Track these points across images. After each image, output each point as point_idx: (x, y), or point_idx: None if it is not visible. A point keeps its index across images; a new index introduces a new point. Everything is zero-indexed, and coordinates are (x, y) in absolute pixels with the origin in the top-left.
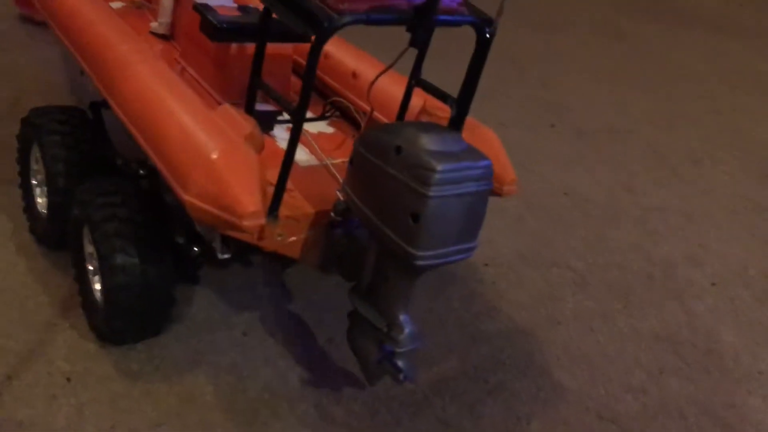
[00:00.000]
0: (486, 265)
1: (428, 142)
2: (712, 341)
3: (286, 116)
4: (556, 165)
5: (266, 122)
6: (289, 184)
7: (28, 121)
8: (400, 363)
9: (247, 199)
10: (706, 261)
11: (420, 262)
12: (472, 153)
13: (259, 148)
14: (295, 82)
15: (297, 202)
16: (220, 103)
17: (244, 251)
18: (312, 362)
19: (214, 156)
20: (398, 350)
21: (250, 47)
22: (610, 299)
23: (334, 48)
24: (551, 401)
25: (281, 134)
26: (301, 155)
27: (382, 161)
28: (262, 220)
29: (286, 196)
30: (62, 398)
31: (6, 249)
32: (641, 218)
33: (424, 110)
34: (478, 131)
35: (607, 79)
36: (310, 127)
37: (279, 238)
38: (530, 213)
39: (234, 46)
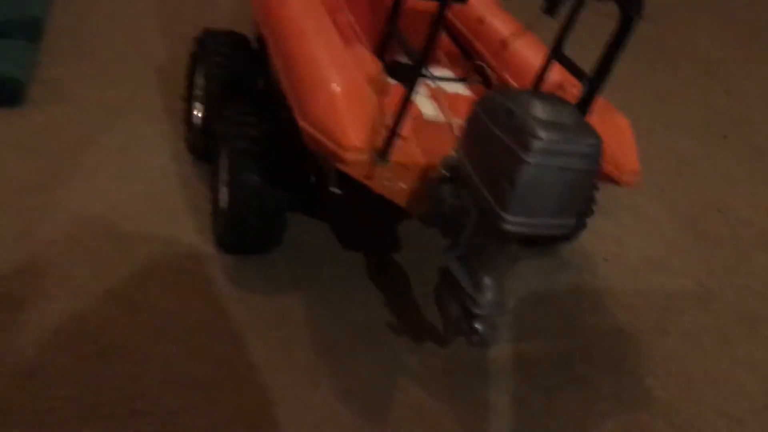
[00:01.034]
0: (605, 260)
1: (540, 111)
2: None
3: (426, 72)
4: (716, 178)
5: (405, 74)
6: (408, 133)
7: (198, 41)
8: (478, 326)
9: (352, 134)
10: None
11: (507, 227)
12: (584, 129)
13: (382, 91)
14: (444, 39)
15: (410, 151)
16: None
17: (355, 190)
18: (403, 311)
19: (332, 88)
20: (477, 312)
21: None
22: (734, 323)
23: (489, 14)
24: (634, 406)
25: (419, 89)
26: (429, 110)
27: (492, 122)
28: (364, 156)
29: (401, 144)
30: (172, 288)
31: (162, 153)
32: None
33: (560, 86)
34: (610, 115)
35: None
36: (448, 87)
37: (387, 183)
38: (671, 221)
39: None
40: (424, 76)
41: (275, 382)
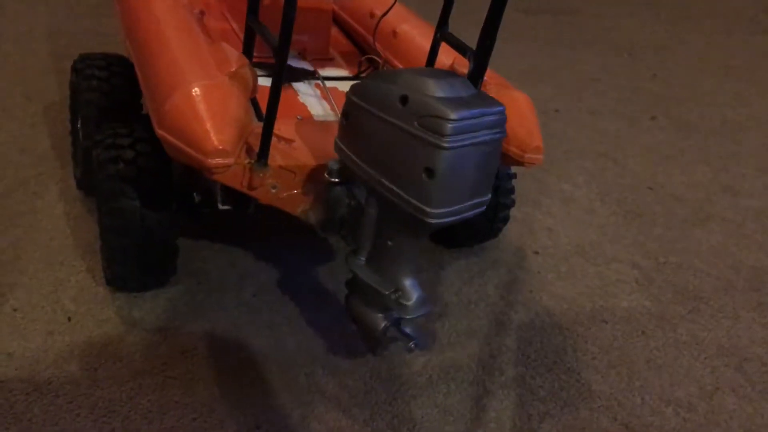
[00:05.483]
0: (536, 253)
1: (436, 89)
2: None
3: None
4: (647, 158)
5: (292, 75)
6: (294, 136)
7: (74, 67)
8: (409, 330)
9: (213, 136)
10: None
11: (434, 221)
12: (484, 98)
13: (248, 89)
14: (338, 38)
15: (296, 154)
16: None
17: (244, 204)
18: (317, 332)
19: (187, 89)
20: (407, 317)
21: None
22: (675, 303)
23: (380, 7)
24: (573, 403)
25: (307, 90)
26: (319, 110)
27: (384, 113)
28: (230, 160)
29: (285, 147)
30: (58, 336)
31: (49, 192)
32: (737, 221)
33: (451, 68)
34: (506, 92)
35: (733, 74)
36: (341, 86)
37: (273, 190)
38: (604, 206)
39: (267, 2)
40: (318, 79)
41: (175, 425)
